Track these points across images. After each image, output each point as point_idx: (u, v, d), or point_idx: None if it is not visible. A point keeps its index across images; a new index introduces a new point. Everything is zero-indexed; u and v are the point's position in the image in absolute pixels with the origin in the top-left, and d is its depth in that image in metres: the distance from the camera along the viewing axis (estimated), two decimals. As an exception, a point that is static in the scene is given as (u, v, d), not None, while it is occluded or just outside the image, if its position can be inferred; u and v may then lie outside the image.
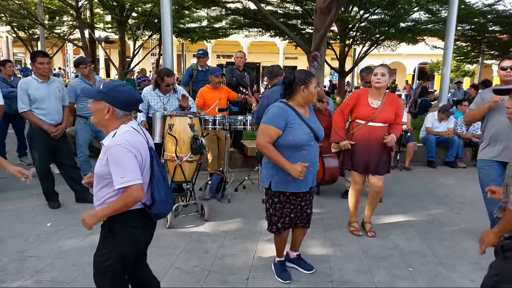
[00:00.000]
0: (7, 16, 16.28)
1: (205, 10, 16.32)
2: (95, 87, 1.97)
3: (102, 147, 1.91)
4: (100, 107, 1.89)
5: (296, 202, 2.76)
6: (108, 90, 1.89)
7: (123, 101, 1.92)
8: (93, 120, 1.98)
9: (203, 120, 4.41)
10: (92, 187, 2.01)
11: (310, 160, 2.63)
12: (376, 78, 3.40)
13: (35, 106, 4.05)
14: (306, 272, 3.00)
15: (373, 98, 3.48)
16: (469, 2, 12.30)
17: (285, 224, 2.78)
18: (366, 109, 3.46)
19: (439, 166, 6.75)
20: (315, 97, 2.71)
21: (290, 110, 2.62)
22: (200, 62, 6.30)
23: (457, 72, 25.74)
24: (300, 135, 2.58)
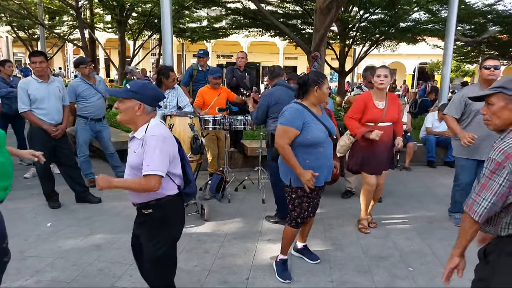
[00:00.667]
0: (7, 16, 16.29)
1: (205, 10, 16.32)
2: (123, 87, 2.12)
3: (134, 140, 2.06)
4: (131, 105, 2.02)
5: (312, 196, 2.84)
6: (138, 88, 2.03)
7: (151, 97, 2.07)
8: (121, 118, 2.08)
9: (203, 120, 4.42)
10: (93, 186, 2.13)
11: (327, 156, 2.77)
12: (380, 80, 3.48)
13: (35, 106, 4.06)
14: (311, 262, 3.13)
15: (378, 100, 3.58)
16: (469, 2, 12.30)
17: (304, 218, 2.88)
18: (375, 112, 3.55)
19: (439, 166, 6.75)
20: (326, 97, 2.86)
21: (306, 111, 2.71)
22: (201, 62, 6.30)
23: (457, 72, 25.73)
24: (318, 133, 2.69)
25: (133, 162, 2.03)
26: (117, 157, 5.29)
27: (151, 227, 2.12)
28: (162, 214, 2.11)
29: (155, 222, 2.11)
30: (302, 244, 3.24)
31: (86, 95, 4.76)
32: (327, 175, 2.83)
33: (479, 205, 1.67)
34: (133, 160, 2.03)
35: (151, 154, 1.95)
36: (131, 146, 2.08)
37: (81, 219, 3.98)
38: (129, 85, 2.06)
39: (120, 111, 2.06)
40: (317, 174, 2.65)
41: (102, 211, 4.21)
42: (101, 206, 4.37)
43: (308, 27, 13.11)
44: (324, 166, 2.76)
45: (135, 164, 2.02)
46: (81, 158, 4.88)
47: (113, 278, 2.87)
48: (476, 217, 1.69)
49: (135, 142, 2.05)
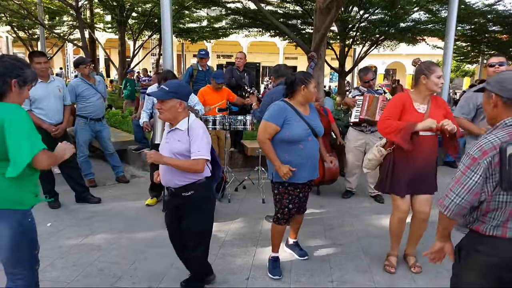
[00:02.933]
0: (7, 16, 16.27)
1: (205, 10, 16.32)
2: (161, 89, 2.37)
3: (176, 131, 2.38)
4: (173, 104, 2.32)
5: (294, 193, 2.88)
6: (176, 88, 2.33)
7: (188, 94, 2.44)
8: (165, 117, 2.36)
9: (203, 120, 4.41)
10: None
11: (307, 154, 2.81)
12: (441, 82, 2.82)
13: (35, 106, 4.05)
14: (299, 258, 3.18)
15: (419, 102, 2.87)
16: (469, 2, 12.30)
17: (284, 215, 2.91)
18: (413, 116, 2.80)
19: (439, 166, 6.69)
20: (314, 96, 2.88)
21: (289, 108, 2.81)
22: (202, 62, 6.30)
23: (457, 72, 25.73)
24: (297, 131, 2.75)
25: (178, 149, 2.35)
26: (117, 157, 5.29)
27: (195, 207, 2.44)
28: (203, 194, 2.46)
29: (198, 201, 2.44)
30: (292, 240, 3.32)
31: (86, 95, 4.76)
32: (310, 173, 2.86)
33: (450, 201, 1.63)
34: (178, 147, 2.35)
35: (200, 141, 2.33)
36: (173, 136, 2.40)
37: (81, 219, 3.98)
38: (167, 86, 2.33)
39: (162, 111, 2.34)
40: (294, 169, 2.73)
41: (102, 211, 4.21)
42: (101, 206, 4.37)
43: (308, 27, 13.10)
44: (304, 164, 2.79)
45: (180, 150, 2.35)
46: (80, 158, 4.88)
47: (113, 278, 2.87)
48: (447, 212, 1.65)
49: (179, 133, 2.37)
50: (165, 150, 2.42)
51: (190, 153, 2.34)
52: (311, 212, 4.36)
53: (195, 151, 2.32)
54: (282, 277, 2.95)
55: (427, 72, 2.82)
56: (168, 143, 2.41)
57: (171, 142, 2.40)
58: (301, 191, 2.91)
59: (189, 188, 2.42)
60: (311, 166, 2.85)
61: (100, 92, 4.91)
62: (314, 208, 4.47)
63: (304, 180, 2.85)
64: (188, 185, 2.42)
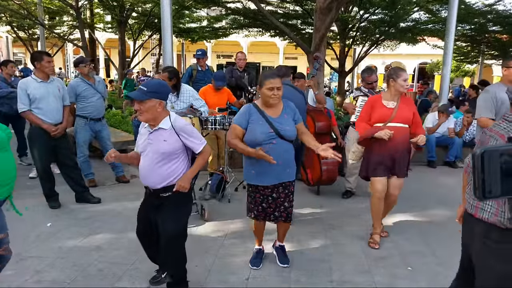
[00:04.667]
0: (7, 16, 16.28)
1: (205, 10, 16.32)
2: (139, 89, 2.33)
3: (160, 131, 2.36)
4: (152, 104, 2.29)
5: (265, 193, 2.89)
6: (156, 88, 2.31)
7: (167, 93, 2.43)
8: (146, 117, 2.32)
9: (203, 120, 4.41)
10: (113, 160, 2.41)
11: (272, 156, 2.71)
12: (406, 84, 3.36)
13: (35, 106, 4.06)
14: (279, 264, 3.11)
15: (388, 100, 3.41)
16: (469, 2, 12.30)
17: (259, 212, 2.93)
18: (382, 111, 3.37)
19: (439, 166, 6.75)
20: (269, 99, 2.76)
21: (254, 110, 2.82)
22: (200, 62, 6.30)
23: (457, 72, 25.72)
24: (256, 134, 2.75)
25: (165, 149, 2.35)
26: (117, 157, 5.29)
27: (173, 208, 2.41)
28: (182, 194, 2.42)
29: (177, 202, 2.42)
30: (278, 243, 3.23)
31: (86, 95, 4.76)
32: (277, 176, 2.81)
33: None
34: (165, 147, 2.35)
35: (195, 133, 2.42)
36: (156, 137, 2.36)
37: (81, 219, 3.98)
38: (146, 86, 2.29)
39: (142, 112, 2.29)
40: (264, 151, 2.67)
41: (102, 212, 4.21)
42: (101, 207, 4.37)
43: (308, 27, 13.11)
44: (268, 167, 2.74)
45: (168, 150, 2.35)
46: (80, 158, 4.88)
47: (113, 278, 2.87)
48: None
49: (163, 133, 2.36)
50: (150, 151, 2.39)
51: (178, 152, 2.39)
52: (311, 212, 4.36)
53: (197, 142, 2.42)
54: (261, 267, 3.06)
55: (395, 76, 3.33)
56: (152, 144, 2.38)
57: (155, 143, 2.37)
58: (272, 191, 2.87)
59: (168, 189, 2.41)
60: (278, 169, 2.78)
61: (100, 92, 4.91)
62: (314, 208, 4.47)
63: (270, 183, 2.82)
64: (168, 186, 2.40)
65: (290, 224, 3.12)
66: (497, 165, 1.06)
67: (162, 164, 2.39)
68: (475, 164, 1.10)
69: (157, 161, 2.38)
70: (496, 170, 1.06)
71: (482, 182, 1.08)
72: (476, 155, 1.09)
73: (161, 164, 2.39)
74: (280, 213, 2.94)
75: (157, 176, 2.39)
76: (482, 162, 1.06)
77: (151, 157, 2.39)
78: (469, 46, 16.39)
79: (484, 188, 1.09)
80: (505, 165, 1.06)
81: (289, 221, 3.01)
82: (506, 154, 1.05)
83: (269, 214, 2.94)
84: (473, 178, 1.13)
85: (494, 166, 1.06)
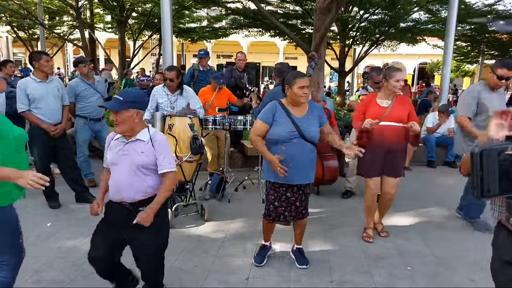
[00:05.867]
0: (7, 16, 16.28)
1: (205, 10, 16.32)
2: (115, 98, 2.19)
3: (137, 142, 2.22)
4: (129, 114, 2.16)
5: (280, 191, 2.90)
6: (133, 97, 2.18)
7: (145, 103, 2.31)
8: (122, 129, 2.18)
9: (203, 120, 4.41)
10: None
11: (289, 155, 2.76)
12: (399, 85, 3.36)
13: (34, 106, 4.05)
14: (298, 266, 3.10)
15: (382, 99, 3.45)
16: (469, 2, 12.30)
17: (270, 211, 2.96)
18: (376, 109, 3.41)
19: (439, 166, 6.75)
20: (299, 98, 2.77)
21: (280, 107, 2.82)
22: (202, 62, 6.29)
23: (457, 72, 25.73)
24: (279, 131, 2.76)
25: (142, 161, 2.20)
26: (117, 157, 5.29)
27: (154, 221, 2.21)
28: (160, 211, 2.26)
29: (157, 215, 2.22)
30: (296, 247, 3.22)
31: (86, 95, 4.76)
32: (293, 175, 2.79)
33: None
34: (143, 160, 2.20)
35: (167, 153, 2.24)
36: (133, 148, 2.21)
37: (81, 219, 3.98)
38: (122, 96, 2.16)
39: (118, 123, 2.15)
40: (282, 157, 2.71)
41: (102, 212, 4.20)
42: (101, 206, 4.36)
43: (308, 27, 13.11)
44: (286, 165, 2.74)
45: (144, 163, 2.20)
46: (80, 158, 4.88)
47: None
48: None
49: (141, 144, 2.22)
50: (125, 162, 2.21)
51: (155, 166, 2.23)
52: (311, 212, 4.34)
53: (166, 164, 2.22)
54: (264, 265, 3.07)
55: (387, 77, 3.38)
56: (128, 156, 2.21)
57: (132, 155, 2.21)
58: (287, 190, 2.89)
59: (147, 202, 2.22)
60: (295, 168, 2.79)
61: (100, 92, 4.91)
62: (314, 208, 4.47)
63: (286, 181, 2.82)
64: (148, 198, 2.24)
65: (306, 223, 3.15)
66: (496, 164, 1.05)
67: (140, 177, 2.22)
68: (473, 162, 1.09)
69: (134, 173, 2.21)
70: (495, 169, 1.05)
71: (480, 181, 1.07)
72: (475, 153, 1.08)
73: (138, 178, 2.22)
74: (290, 212, 2.95)
75: (134, 189, 2.22)
76: (481, 160, 1.05)
77: (127, 169, 2.20)
78: (469, 46, 16.40)
79: (482, 187, 1.08)
80: (503, 163, 1.05)
81: (301, 218, 3.02)
82: (504, 153, 1.04)
83: (279, 214, 2.94)
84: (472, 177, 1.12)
85: (492, 165, 1.05)
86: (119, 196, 2.24)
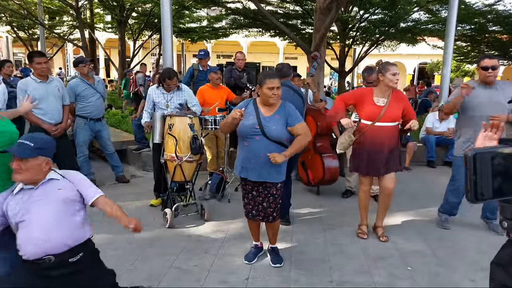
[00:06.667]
0: (7, 16, 16.29)
1: (205, 10, 16.32)
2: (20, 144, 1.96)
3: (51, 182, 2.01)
4: (37, 162, 1.94)
5: (246, 189, 2.98)
6: (43, 144, 1.99)
7: (53, 149, 2.07)
8: (23, 177, 1.92)
9: (203, 120, 4.41)
10: None
11: (251, 151, 2.82)
12: (396, 78, 3.30)
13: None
14: (272, 265, 3.10)
15: (379, 97, 3.38)
16: (469, 2, 12.30)
17: (244, 206, 3.05)
18: (372, 108, 3.35)
19: (439, 166, 6.75)
20: (268, 98, 2.80)
21: (251, 105, 2.89)
22: (202, 63, 6.29)
23: (457, 72, 25.74)
24: (242, 125, 2.82)
25: (66, 195, 2.01)
26: (117, 157, 5.29)
27: (91, 266, 2.07)
28: (92, 249, 2.14)
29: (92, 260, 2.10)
30: (269, 246, 3.22)
31: (85, 95, 4.76)
32: (253, 173, 2.82)
33: None
34: (65, 194, 2.01)
35: (88, 182, 2.13)
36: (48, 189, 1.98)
37: (81, 219, 3.97)
38: (30, 141, 1.94)
39: (20, 171, 1.90)
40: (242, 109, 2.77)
41: (100, 212, 4.19)
42: (101, 206, 4.36)
43: (308, 27, 13.12)
44: (247, 161, 2.83)
45: (68, 197, 2.01)
46: (80, 158, 4.88)
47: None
48: None
49: (54, 182, 2.02)
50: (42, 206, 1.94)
51: (79, 197, 2.05)
52: (311, 212, 4.36)
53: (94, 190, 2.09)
54: (252, 263, 3.10)
55: (383, 70, 3.29)
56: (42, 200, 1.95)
57: (47, 196, 1.97)
58: (252, 188, 2.92)
59: (76, 250, 1.98)
60: (255, 165, 2.80)
61: (100, 92, 4.91)
62: (314, 208, 4.47)
63: (249, 178, 2.86)
64: (77, 246, 1.99)
65: (278, 226, 3.15)
66: (489, 167, 1.05)
67: (68, 216, 1.98)
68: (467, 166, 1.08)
69: (61, 211, 1.96)
70: (488, 172, 1.05)
71: (474, 184, 1.07)
72: (468, 157, 1.07)
73: (67, 217, 1.98)
74: (258, 212, 2.96)
75: (61, 234, 1.93)
76: (474, 164, 1.05)
77: (47, 215, 1.92)
78: (469, 46, 16.40)
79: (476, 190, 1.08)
80: (497, 167, 1.05)
81: (269, 221, 2.98)
82: (497, 156, 1.04)
83: (248, 211, 3.01)
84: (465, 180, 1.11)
85: (485, 168, 1.05)
86: (42, 249, 1.89)
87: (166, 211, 3.84)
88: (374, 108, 3.35)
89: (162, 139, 3.98)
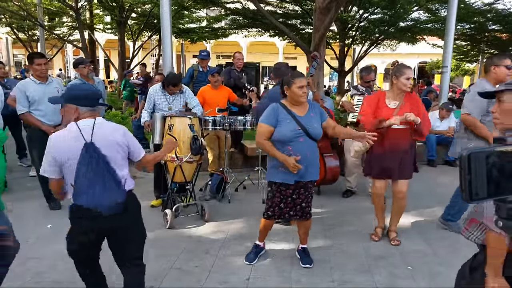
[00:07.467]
0: (7, 17, 16.30)
1: (204, 10, 16.33)
2: None
3: None
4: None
5: (286, 193, 2.91)
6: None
7: None
8: None
9: (203, 121, 4.41)
10: None
11: (296, 155, 2.77)
12: (409, 83, 3.25)
13: (34, 108, 4.05)
14: (302, 265, 3.10)
15: (391, 99, 3.34)
16: (468, 2, 12.30)
17: (275, 212, 2.97)
18: (383, 111, 3.29)
19: (440, 165, 6.75)
20: (299, 97, 2.81)
21: (282, 108, 2.84)
22: (203, 63, 6.28)
23: (457, 71, 25.73)
24: (283, 131, 2.78)
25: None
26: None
27: (133, 218, 2.31)
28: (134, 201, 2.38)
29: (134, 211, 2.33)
30: (300, 246, 3.24)
31: (86, 96, 4.74)
32: (301, 174, 2.82)
33: None
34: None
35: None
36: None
37: (81, 220, 3.98)
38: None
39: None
40: (298, 158, 2.71)
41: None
42: (101, 207, 4.36)
43: (307, 27, 13.11)
44: (300, 164, 2.76)
45: None
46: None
47: (114, 279, 2.86)
48: None
49: None
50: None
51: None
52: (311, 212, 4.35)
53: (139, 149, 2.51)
54: (253, 264, 3.09)
55: (398, 74, 3.25)
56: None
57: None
58: (293, 192, 2.90)
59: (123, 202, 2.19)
60: (306, 166, 2.81)
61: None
62: (314, 207, 4.43)
63: (292, 181, 2.83)
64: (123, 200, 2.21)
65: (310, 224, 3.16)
66: (484, 167, 1.05)
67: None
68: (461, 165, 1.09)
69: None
70: (483, 172, 1.05)
71: (469, 184, 1.08)
72: (462, 156, 1.08)
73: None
74: (295, 212, 2.98)
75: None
76: (469, 163, 1.06)
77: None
78: (468, 45, 16.40)
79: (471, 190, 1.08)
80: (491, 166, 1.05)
81: (305, 219, 3.03)
82: (492, 155, 1.04)
83: (284, 214, 2.99)
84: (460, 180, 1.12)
85: (480, 168, 1.05)
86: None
87: (166, 211, 3.84)
88: (386, 111, 3.30)
89: (162, 140, 3.98)
